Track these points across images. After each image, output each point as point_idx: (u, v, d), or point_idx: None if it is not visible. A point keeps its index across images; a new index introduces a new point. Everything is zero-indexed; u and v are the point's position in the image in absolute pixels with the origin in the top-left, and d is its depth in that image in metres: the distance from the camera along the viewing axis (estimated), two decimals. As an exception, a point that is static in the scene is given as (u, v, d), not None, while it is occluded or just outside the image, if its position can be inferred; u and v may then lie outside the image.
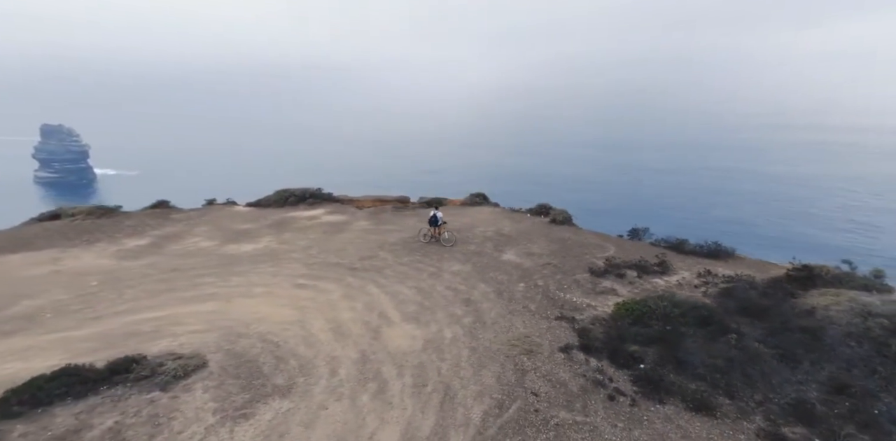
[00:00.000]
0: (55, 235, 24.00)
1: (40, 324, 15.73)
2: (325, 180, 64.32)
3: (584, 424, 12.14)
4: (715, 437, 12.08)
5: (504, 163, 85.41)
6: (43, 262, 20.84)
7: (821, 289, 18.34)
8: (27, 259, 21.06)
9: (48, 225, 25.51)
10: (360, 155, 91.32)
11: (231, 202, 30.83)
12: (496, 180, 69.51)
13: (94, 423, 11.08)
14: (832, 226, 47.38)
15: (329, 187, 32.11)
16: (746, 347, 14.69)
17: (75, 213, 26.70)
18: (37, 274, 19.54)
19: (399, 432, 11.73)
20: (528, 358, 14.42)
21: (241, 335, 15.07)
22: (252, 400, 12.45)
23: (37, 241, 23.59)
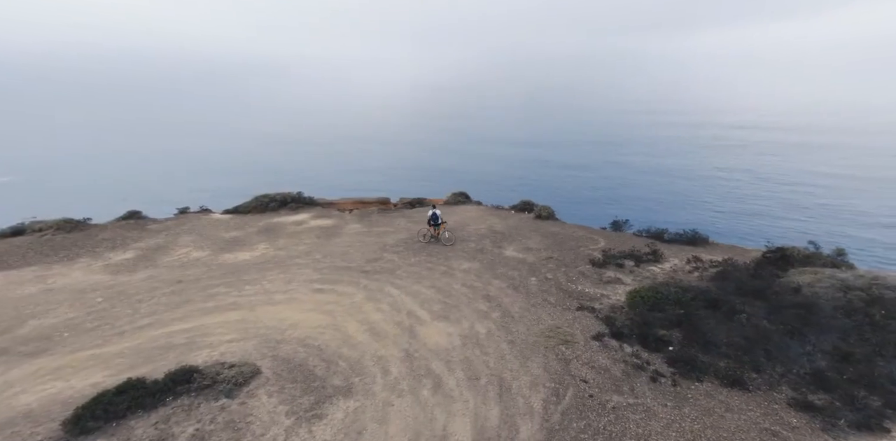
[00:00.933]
0: (28, 252, 22.26)
1: (60, 343, 15.07)
2: (243, 182, 61.55)
3: (638, 405, 12.66)
4: (753, 408, 12.86)
5: (431, 161, 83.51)
6: (27, 280, 19.34)
7: (798, 268, 19.69)
8: (7, 278, 19.55)
9: (15, 241, 23.60)
10: (279, 154, 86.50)
11: (206, 210, 29.50)
12: (428, 180, 68.22)
13: (175, 432, 11.11)
14: (724, 211, 51.32)
15: (248, 189, 31.68)
16: (757, 326, 15.67)
17: (42, 228, 24.88)
18: (28, 293, 18.18)
19: (469, 423, 11.91)
20: (567, 347, 14.82)
21: (280, 341, 14.84)
22: (318, 401, 12.68)
23: (8, 258, 21.83)
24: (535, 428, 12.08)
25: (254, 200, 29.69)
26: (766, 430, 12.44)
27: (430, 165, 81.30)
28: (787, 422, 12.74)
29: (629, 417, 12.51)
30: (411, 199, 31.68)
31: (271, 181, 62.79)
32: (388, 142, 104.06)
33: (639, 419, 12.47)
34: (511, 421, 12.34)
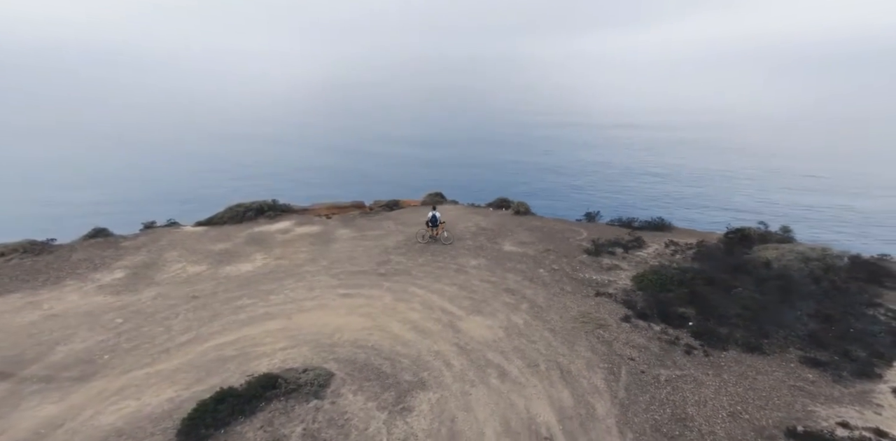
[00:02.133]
0: (1, 278, 19.98)
1: (106, 365, 14.53)
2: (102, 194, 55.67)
3: (686, 376, 13.78)
4: (775, 368, 14.44)
5: (323, 162, 79.57)
6: (18, 307, 17.72)
7: (760, 245, 21.88)
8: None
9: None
10: (142, 158, 78.17)
11: (174, 223, 27.73)
12: (327, 184, 65.35)
13: (286, 433, 11.35)
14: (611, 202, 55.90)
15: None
16: (751, 297, 17.33)
17: (5, 252, 22.40)
18: (30, 320, 16.79)
19: (548, 405, 12.64)
20: (604, 331, 15.77)
21: (333, 345, 15.05)
22: (400, 395, 13.11)
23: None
24: (608, 405, 12.85)
25: (228, 211, 28.32)
26: (793, 386, 13.99)
27: (321, 165, 76.77)
28: (805, 377, 14.39)
29: (683, 387, 13.60)
30: (387, 202, 31.57)
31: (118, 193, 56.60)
32: (276, 141, 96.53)
33: (691, 388, 13.60)
34: (584, 400, 13.05)
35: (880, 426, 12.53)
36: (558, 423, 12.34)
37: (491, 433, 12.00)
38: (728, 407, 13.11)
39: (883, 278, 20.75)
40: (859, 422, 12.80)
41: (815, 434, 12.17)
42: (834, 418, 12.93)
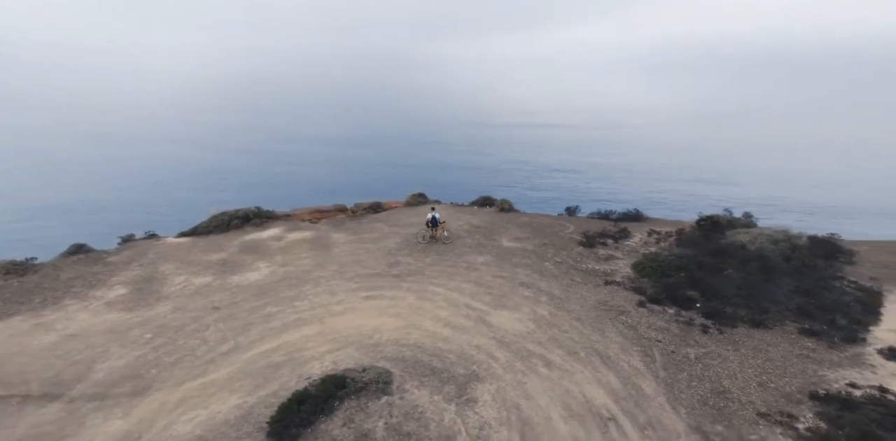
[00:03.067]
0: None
1: (156, 379, 14.04)
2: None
3: (711, 353, 14.85)
4: (779, 340, 15.80)
5: (227, 163, 73.66)
6: (28, 330, 16.51)
7: (732, 230, 23.56)
8: (1, 333, 16.13)
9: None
10: None
11: (153, 235, 26.18)
12: (231, 187, 61.22)
13: (369, 428, 11.59)
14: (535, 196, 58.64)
15: None
16: (742, 278, 18.69)
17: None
18: (50, 341, 15.87)
19: (600, 388, 13.41)
20: (626, 317, 16.64)
21: (377, 345, 15.30)
22: (460, 388, 13.39)
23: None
24: (653, 384, 13.62)
25: (213, 219, 27.07)
26: (799, 355, 15.37)
27: (221, 168, 71.01)
28: (806, 346, 15.82)
29: (712, 363, 14.62)
30: (369, 204, 31.27)
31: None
32: (176, 141, 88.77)
33: (719, 363, 14.66)
34: (630, 381, 13.74)
35: (881, 384, 14.02)
36: (615, 403, 12.94)
37: (557, 417, 12.43)
38: (755, 378, 14.21)
39: (837, 255, 22.97)
40: (863, 382, 14.26)
41: (833, 396, 13.45)
42: (842, 380, 14.33)
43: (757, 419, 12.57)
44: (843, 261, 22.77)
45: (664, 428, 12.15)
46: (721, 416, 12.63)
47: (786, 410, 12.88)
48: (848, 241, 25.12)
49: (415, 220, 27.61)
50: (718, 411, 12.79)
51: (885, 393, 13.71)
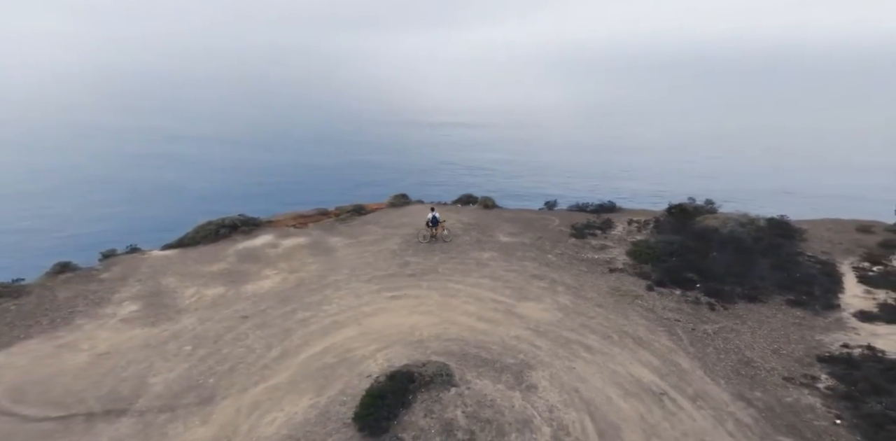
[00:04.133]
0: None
1: (218, 387, 13.69)
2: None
3: (724, 328, 16.18)
4: (773, 312, 17.43)
5: (98, 170, 63.09)
6: (52, 352, 15.76)
7: (702, 216, 25.24)
8: (25, 353, 15.06)
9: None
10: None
11: (136, 249, 24.48)
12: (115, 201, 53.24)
13: (451, 417, 11.89)
14: None
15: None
16: (726, 258, 20.19)
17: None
18: (84, 361, 15.42)
19: (642, 366, 14.36)
20: (640, 300, 17.61)
21: (421, 341, 15.64)
22: (517, 376, 13.74)
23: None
24: (687, 359, 14.59)
25: (199, 230, 25.68)
26: (794, 323, 16.95)
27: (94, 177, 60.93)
28: (797, 315, 17.43)
29: (729, 337, 15.82)
30: (352, 207, 30.64)
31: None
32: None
33: (735, 336, 15.91)
34: (667, 359, 14.63)
35: (869, 343, 15.70)
36: (661, 380, 13.73)
37: (615, 396, 13.04)
38: (768, 346, 15.51)
39: (792, 234, 25.23)
40: (853, 342, 15.91)
41: (836, 357, 14.94)
42: (836, 342, 15.93)
43: (784, 383, 13.77)
44: (797, 239, 25.05)
45: (711, 398, 13.04)
46: (755, 383, 13.73)
47: (805, 373, 14.18)
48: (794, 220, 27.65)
49: (406, 221, 27.45)
50: (751, 379, 13.88)
51: (873, 350, 15.38)
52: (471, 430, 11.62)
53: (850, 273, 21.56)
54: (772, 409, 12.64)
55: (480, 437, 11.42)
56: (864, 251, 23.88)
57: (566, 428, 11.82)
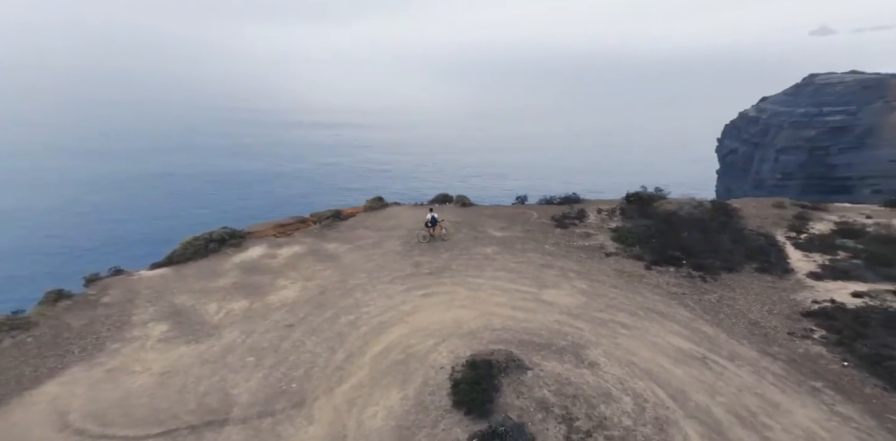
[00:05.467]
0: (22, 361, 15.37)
1: (303, 392, 13.34)
2: None
3: (723, 296, 18.37)
4: (751, 279, 19.96)
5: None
6: (105, 378, 14.61)
7: (658, 202, 27.63)
8: (74, 382, 14.17)
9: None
10: None
11: (119, 270, 22.22)
12: None
13: (541, 396, 12.55)
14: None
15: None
16: (696, 237, 22.39)
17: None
18: (145, 382, 14.22)
19: (676, 336, 15.97)
20: (645, 279, 19.20)
21: (473, 333, 15.80)
22: (577, 356, 14.53)
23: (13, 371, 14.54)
24: (708, 326, 16.27)
25: (187, 246, 23.70)
26: (769, 287, 19.35)
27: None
28: (768, 280, 19.95)
29: (730, 304, 17.82)
30: (331, 213, 29.69)
31: None
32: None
33: (733, 303, 17.92)
34: (691, 327, 16.15)
35: (832, 297, 18.28)
36: (696, 346, 15.11)
37: (667, 364, 14.24)
38: (762, 308, 17.56)
39: (731, 212, 28.33)
40: (819, 297, 18.43)
41: (814, 311, 17.29)
42: (807, 300, 18.38)
43: (790, 337, 15.74)
44: (736, 217, 28.18)
45: (744, 357, 14.62)
46: (769, 340, 15.55)
47: (800, 327, 16.28)
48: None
49: (393, 224, 27.18)
50: (765, 337, 15.69)
51: (835, 303, 17.96)
52: (563, 405, 12.22)
53: (787, 242, 24.78)
54: (793, 360, 14.47)
55: (575, 411, 12.04)
56: (787, 223, 27.51)
57: (642, 396, 12.73)
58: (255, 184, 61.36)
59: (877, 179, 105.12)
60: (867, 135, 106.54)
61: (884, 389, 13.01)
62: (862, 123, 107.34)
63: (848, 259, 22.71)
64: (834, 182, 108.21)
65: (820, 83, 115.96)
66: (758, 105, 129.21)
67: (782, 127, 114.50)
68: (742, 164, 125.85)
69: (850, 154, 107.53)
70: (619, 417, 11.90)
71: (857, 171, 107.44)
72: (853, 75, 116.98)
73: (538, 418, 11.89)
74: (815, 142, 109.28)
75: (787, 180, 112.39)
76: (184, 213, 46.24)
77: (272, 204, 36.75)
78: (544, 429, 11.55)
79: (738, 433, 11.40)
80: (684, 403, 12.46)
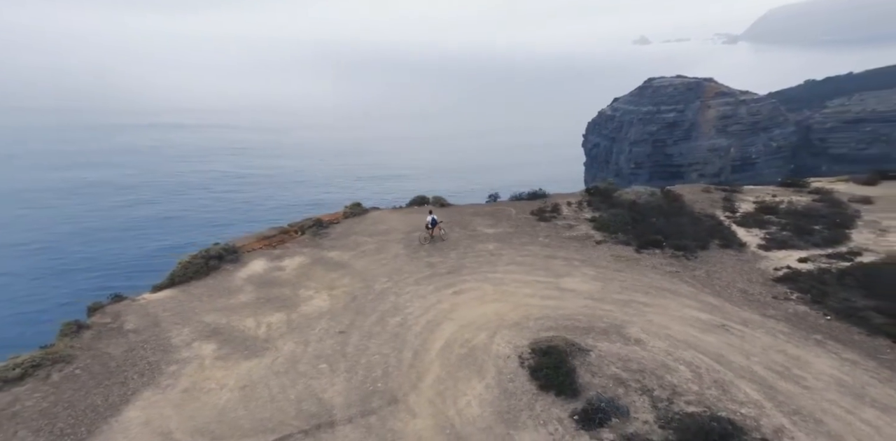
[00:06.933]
0: (85, 394, 13.41)
1: (392, 389, 13.33)
2: None
3: (709, 271, 20.42)
4: (719, 254, 22.17)
5: None
6: (184, 399, 13.60)
7: (615, 193, 29.69)
8: (161, 406, 12.57)
9: (23, 398, 13.51)
10: None
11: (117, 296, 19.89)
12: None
13: (612, 372, 13.34)
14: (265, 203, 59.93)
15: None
16: (662, 221, 24.48)
17: (28, 369, 14.39)
18: (230, 397, 13.34)
19: (691, 309, 17.48)
20: (641, 262, 20.56)
21: (518, 324, 16.18)
22: (620, 335, 15.43)
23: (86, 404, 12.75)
24: (712, 298, 18.11)
25: (187, 266, 21.67)
26: (737, 260, 21.80)
27: None
28: (731, 254, 22.39)
29: (717, 277, 19.69)
30: (312, 222, 28.38)
31: None
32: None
33: (720, 276, 19.74)
34: (699, 299, 17.76)
35: (787, 264, 20.87)
36: (711, 315, 16.68)
37: (697, 333, 15.60)
38: (742, 278, 19.69)
39: (677, 198, 31.13)
40: (777, 265, 20.95)
41: (781, 277, 19.65)
42: (769, 268, 20.83)
43: (776, 301, 17.86)
44: (682, 202, 31.00)
45: (751, 321, 16.36)
46: (763, 305, 17.52)
47: (779, 292, 18.48)
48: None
49: (383, 228, 26.61)
50: (758, 302, 17.64)
51: (792, 269, 20.58)
52: (636, 379, 13.02)
53: (728, 221, 27.78)
54: (789, 319, 16.47)
55: (647, 382, 12.89)
56: (720, 205, 30.81)
57: (693, 364, 13.84)
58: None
59: (699, 165, 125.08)
60: (692, 128, 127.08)
61: (866, 335, 15.32)
62: (687, 119, 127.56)
63: (779, 231, 26.05)
64: (671, 168, 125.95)
65: (656, 86, 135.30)
66: (612, 104, 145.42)
67: (632, 123, 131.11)
68: (604, 157, 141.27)
69: (681, 145, 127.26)
70: (686, 384, 12.89)
71: (686, 159, 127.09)
72: (679, 79, 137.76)
73: (620, 392, 12.57)
74: (656, 135, 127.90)
75: (639, 169, 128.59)
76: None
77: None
78: (631, 401, 12.25)
79: (783, 386, 12.86)
80: (729, 366, 13.76)
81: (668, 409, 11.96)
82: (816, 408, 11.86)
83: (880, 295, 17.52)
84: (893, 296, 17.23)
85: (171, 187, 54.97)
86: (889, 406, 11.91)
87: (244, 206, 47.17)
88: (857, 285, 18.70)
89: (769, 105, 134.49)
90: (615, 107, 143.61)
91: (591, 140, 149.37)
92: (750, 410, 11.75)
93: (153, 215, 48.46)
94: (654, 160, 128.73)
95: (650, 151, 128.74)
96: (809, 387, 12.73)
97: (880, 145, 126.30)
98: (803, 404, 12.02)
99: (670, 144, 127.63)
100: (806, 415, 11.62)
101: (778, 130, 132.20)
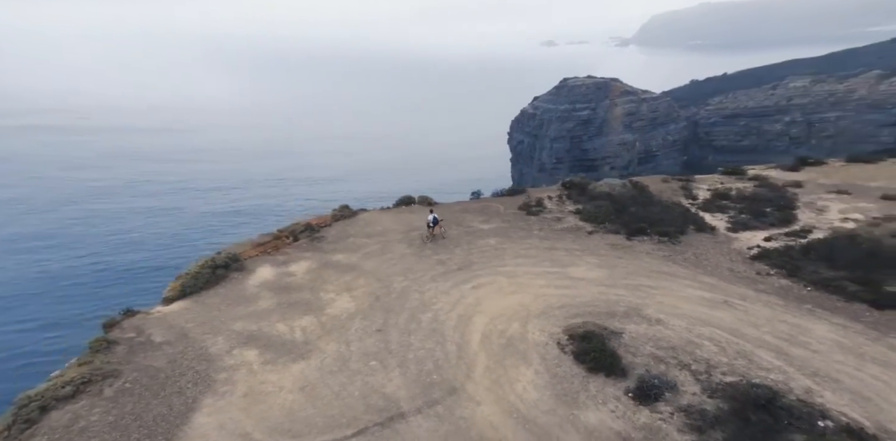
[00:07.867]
0: (147, 405, 12.30)
1: (447, 379, 13.43)
2: None
3: (696, 253, 21.68)
4: (698, 238, 23.54)
5: None
6: (248, 402, 13.00)
7: (590, 186, 30.88)
8: (227, 411, 12.53)
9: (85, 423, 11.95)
10: None
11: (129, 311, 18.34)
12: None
13: (648, 351, 14.20)
14: None
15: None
16: (640, 210, 25.77)
17: (83, 385, 13.08)
18: (298, 397, 13.08)
19: (693, 289, 18.82)
20: (634, 248, 21.61)
21: (545, 313, 16.81)
22: (641, 317, 16.41)
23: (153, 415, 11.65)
24: (707, 277, 19.34)
25: (197, 276, 20.23)
26: (714, 242, 23.27)
27: None
28: (707, 237, 23.76)
29: (705, 258, 20.96)
30: (304, 226, 27.33)
31: None
32: None
33: (706, 257, 21.07)
34: (697, 280, 19.00)
35: (757, 243, 22.59)
36: (711, 293, 17.86)
37: (706, 310, 16.69)
38: (726, 258, 21.12)
39: (645, 189, 32.76)
40: (750, 244, 22.64)
41: (756, 255, 21.27)
42: (743, 247, 22.46)
43: (760, 277, 19.33)
44: (649, 192, 32.66)
45: (749, 296, 17.66)
46: (752, 281, 18.90)
47: (759, 269, 20.01)
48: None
49: (379, 229, 26.09)
50: (746, 279, 19.02)
51: (762, 248, 22.34)
52: (672, 356, 13.80)
53: (694, 207, 29.65)
54: (778, 292, 17.92)
55: (683, 358, 13.73)
56: (681, 194, 32.80)
57: (714, 339, 14.79)
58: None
59: (611, 158, 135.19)
60: (603, 125, 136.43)
61: (846, 302, 16.99)
62: (599, 116, 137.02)
63: (738, 214, 28.15)
64: (587, 162, 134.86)
65: (571, 85, 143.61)
66: (533, 103, 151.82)
67: (552, 121, 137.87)
68: (528, 153, 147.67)
69: (594, 140, 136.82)
70: (716, 357, 13.78)
71: (600, 153, 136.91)
72: (590, 79, 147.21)
73: (662, 369, 13.23)
74: (573, 132, 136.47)
75: (560, 164, 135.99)
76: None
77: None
78: (675, 376, 12.93)
79: (794, 351, 14.03)
80: (744, 337, 14.81)
81: (710, 380, 12.73)
82: (830, 369, 13.08)
83: (842, 266, 19.49)
84: (853, 266, 19.23)
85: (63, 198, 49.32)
86: (888, 362, 13.36)
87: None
88: (820, 258, 20.67)
89: (665, 103, 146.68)
90: (536, 105, 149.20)
91: (516, 137, 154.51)
92: (778, 376, 12.77)
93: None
94: (572, 155, 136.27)
95: (569, 147, 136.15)
96: (817, 351, 13.98)
97: (752, 137, 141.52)
98: (818, 366, 13.20)
99: (586, 140, 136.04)
100: (824, 375, 12.79)
101: (673, 125, 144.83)
